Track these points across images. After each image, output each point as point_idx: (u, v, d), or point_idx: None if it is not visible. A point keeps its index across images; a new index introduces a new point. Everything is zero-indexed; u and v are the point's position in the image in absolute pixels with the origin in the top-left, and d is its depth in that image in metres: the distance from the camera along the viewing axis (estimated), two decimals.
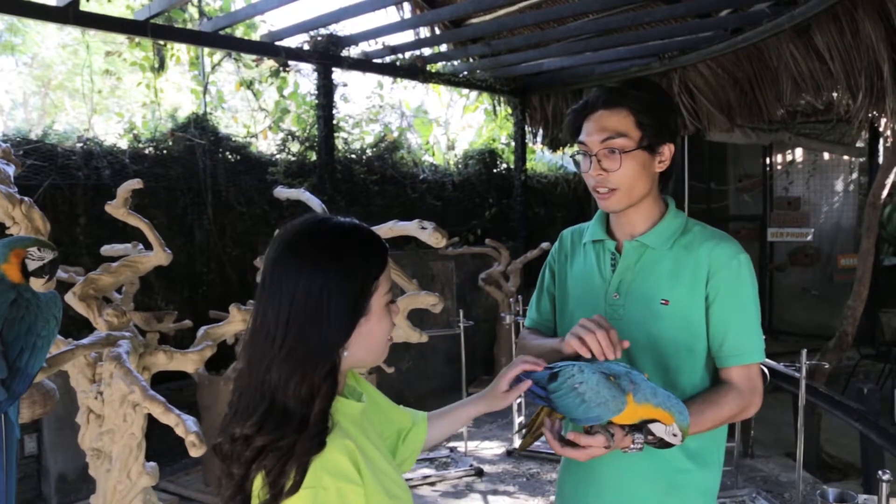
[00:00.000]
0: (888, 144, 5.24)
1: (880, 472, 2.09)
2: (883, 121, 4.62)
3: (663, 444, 1.24)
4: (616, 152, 1.40)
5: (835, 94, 4.66)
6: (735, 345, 1.42)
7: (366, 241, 1.07)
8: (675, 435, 1.21)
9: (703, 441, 1.42)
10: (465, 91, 7.18)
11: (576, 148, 1.49)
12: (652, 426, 1.22)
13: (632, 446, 1.25)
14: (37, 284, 1.72)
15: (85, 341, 2.13)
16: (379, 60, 5.75)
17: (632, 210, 1.47)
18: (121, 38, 5.07)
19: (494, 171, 7.10)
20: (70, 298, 2.32)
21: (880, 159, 6.14)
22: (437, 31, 5.78)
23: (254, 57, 5.39)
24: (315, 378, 0.99)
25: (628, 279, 1.47)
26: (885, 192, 5.09)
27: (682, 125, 5.64)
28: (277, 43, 5.11)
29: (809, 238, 7.06)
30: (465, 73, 6.37)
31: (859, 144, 7.29)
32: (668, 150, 1.45)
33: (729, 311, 1.41)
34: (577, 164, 1.52)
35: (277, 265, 1.03)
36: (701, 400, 1.38)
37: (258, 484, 0.97)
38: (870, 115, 4.52)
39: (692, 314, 1.42)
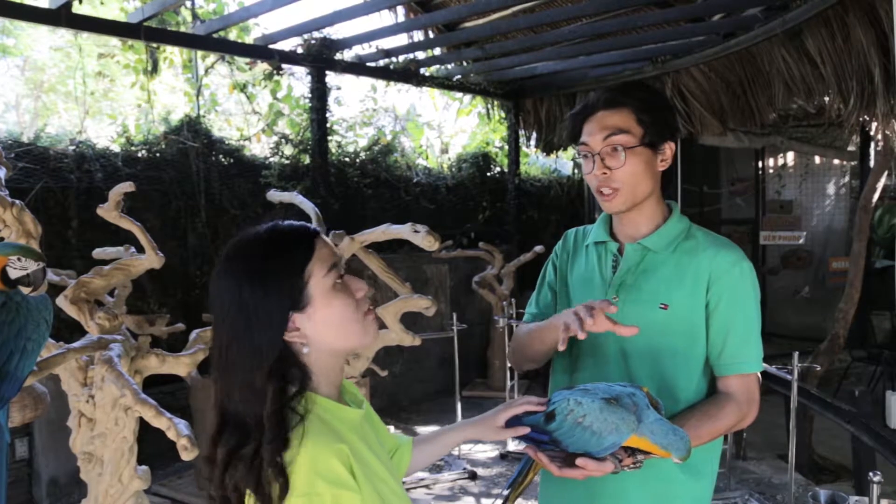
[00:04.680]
0: (879, 148, 5.27)
1: (871, 474, 2.10)
2: (874, 125, 4.66)
3: None
4: (619, 149, 1.40)
5: (826, 99, 4.69)
6: (734, 353, 1.41)
7: (278, 236, 1.06)
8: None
9: (696, 451, 1.39)
10: (459, 94, 7.19)
11: (570, 153, 1.50)
12: (650, 457, 1.22)
13: (632, 466, 1.24)
14: (25, 290, 1.72)
15: (76, 345, 2.12)
16: (373, 64, 5.75)
17: (635, 211, 1.47)
18: (114, 41, 5.06)
19: (488, 174, 7.11)
20: (61, 302, 2.31)
21: (871, 163, 6.17)
22: (431, 35, 5.78)
23: (247, 60, 5.38)
24: (256, 381, 0.99)
25: (629, 281, 1.46)
26: (875, 196, 5.12)
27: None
28: (271, 46, 5.11)
29: (801, 241, 7.09)
30: (459, 76, 6.38)
31: (851, 148, 7.33)
32: (668, 149, 1.46)
33: (729, 319, 1.40)
34: (578, 167, 1.53)
35: (210, 288, 1.06)
36: (700, 414, 1.36)
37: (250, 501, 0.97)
38: (861, 119, 4.54)
39: (692, 319, 1.41)
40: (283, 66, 5.35)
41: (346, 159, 5.90)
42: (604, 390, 1.24)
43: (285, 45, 5.18)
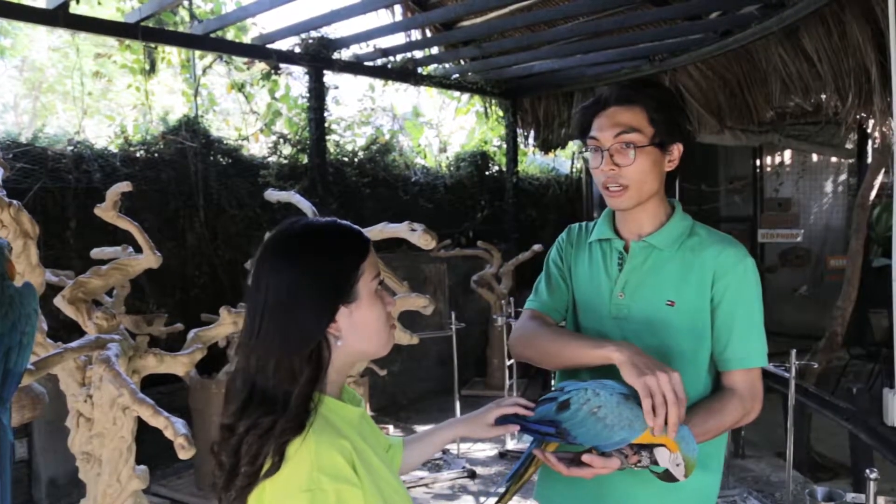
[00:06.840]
0: (876, 146, 5.27)
1: (868, 471, 2.11)
2: (871, 122, 4.66)
3: (667, 476, 1.22)
4: (629, 147, 1.40)
5: (823, 96, 4.69)
6: (738, 348, 1.41)
7: (339, 231, 1.11)
8: (678, 465, 1.20)
9: (702, 446, 1.38)
10: (457, 93, 7.19)
11: (568, 152, 1.49)
12: (657, 450, 1.21)
13: (638, 465, 1.25)
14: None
15: (74, 344, 2.12)
16: (370, 63, 5.75)
17: (639, 209, 1.47)
18: (111, 41, 5.05)
19: (486, 173, 7.11)
20: (59, 302, 2.31)
21: (869, 160, 6.18)
22: (429, 34, 5.78)
23: (245, 60, 5.38)
24: (294, 361, 1.02)
25: (635, 279, 1.47)
26: (873, 193, 5.13)
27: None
28: (268, 46, 5.10)
29: (799, 239, 7.10)
30: (457, 75, 6.38)
31: (848, 146, 7.34)
32: (677, 150, 1.47)
33: (734, 314, 1.41)
34: (586, 161, 1.52)
35: (257, 268, 1.07)
36: (704, 410, 1.37)
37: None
38: (858, 116, 4.54)
39: (698, 316, 1.42)
40: (281, 65, 5.35)
41: (345, 158, 5.90)
42: (619, 388, 1.25)
43: (283, 45, 5.18)
